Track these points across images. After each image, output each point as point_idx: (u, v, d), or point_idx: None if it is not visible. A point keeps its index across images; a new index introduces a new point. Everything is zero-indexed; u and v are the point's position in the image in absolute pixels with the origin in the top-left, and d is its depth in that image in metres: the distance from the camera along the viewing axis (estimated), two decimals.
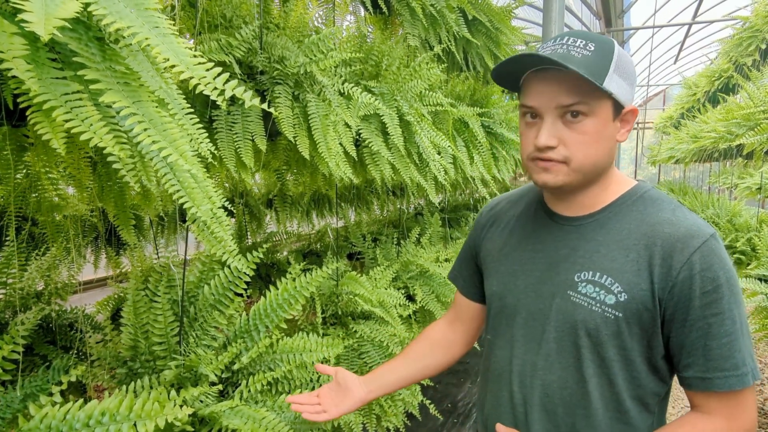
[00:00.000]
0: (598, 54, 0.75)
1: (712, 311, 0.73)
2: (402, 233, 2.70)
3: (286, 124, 1.19)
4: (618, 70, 0.76)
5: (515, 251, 0.92)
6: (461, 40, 2.30)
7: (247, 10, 1.26)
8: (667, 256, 0.76)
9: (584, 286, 0.80)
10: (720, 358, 0.74)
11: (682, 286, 0.74)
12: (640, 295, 0.76)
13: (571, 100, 0.76)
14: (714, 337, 0.74)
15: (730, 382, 0.73)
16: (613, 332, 0.78)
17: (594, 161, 0.79)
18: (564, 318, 0.82)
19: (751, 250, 3.90)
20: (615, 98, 0.77)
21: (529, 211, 0.95)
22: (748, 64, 6.23)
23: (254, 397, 1.13)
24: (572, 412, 0.82)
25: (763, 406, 3.33)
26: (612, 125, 0.79)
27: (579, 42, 0.76)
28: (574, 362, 0.81)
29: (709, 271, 0.74)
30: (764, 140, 3.08)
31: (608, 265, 0.79)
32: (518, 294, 0.89)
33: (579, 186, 0.83)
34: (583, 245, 0.83)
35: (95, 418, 0.79)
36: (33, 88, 0.53)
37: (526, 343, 0.87)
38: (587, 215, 0.85)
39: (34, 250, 1.66)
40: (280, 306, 1.25)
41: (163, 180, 0.71)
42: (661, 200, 0.83)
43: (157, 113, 0.65)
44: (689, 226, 0.77)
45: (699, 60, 13.14)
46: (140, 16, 0.61)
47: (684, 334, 0.75)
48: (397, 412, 1.67)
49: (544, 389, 0.83)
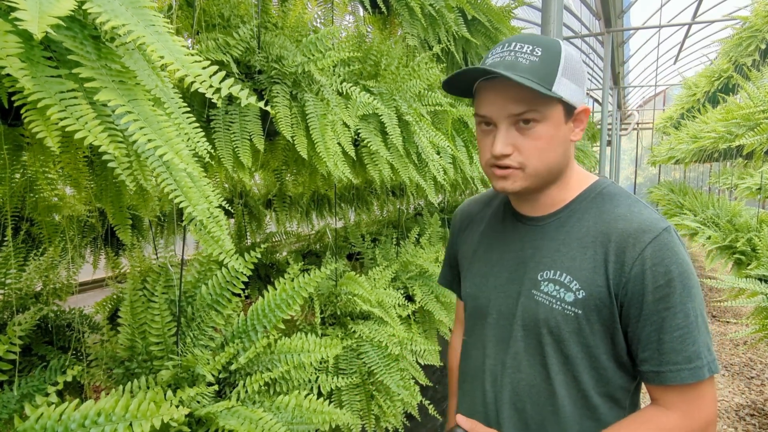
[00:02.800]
0: (545, 59, 0.76)
1: (665, 305, 0.74)
2: (401, 233, 2.70)
3: (284, 124, 1.19)
4: (566, 73, 0.77)
5: (486, 252, 0.94)
6: (460, 39, 2.30)
7: (245, 9, 1.26)
8: (620, 252, 0.77)
9: (546, 284, 0.82)
10: (672, 351, 0.74)
11: (635, 281, 0.75)
12: (597, 292, 0.77)
13: (522, 109, 0.77)
14: (666, 331, 0.74)
15: (683, 375, 0.74)
16: (573, 329, 0.79)
17: (548, 164, 0.81)
18: (528, 316, 0.83)
19: (752, 251, 3.89)
20: (565, 101, 0.77)
21: (498, 212, 0.98)
22: (747, 64, 6.23)
23: (252, 398, 1.12)
24: (541, 409, 0.83)
25: (764, 406, 3.32)
26: (564, 127, 0.81)
27: (526, 48, 0.77)
28: (540, 360, 0.83)
29: (660, 265, 0.74)
30: (764, 140, 3.08)
31: (568, 264, 0.81)
32: (489, 294, 0.90)
33: (538, 188, 0.85)
34: (546, 244, 0.85)
35: (91, 418, 0.79)
36: (27, 86, 0.53)
37: (497, 343, 0.88)
38: (549, 215, 0.87)
39: (33, 250, 1.66)
40: (278, 306, 1.25)
41: (160, 179, 0.70)
42: (618, 196, 0.84)
43: (152, 112, 0.65)
44: (642, 221, 0.78)
45: (699, 60, 13.14)
46: (135, 14, 0.61)
47: (639, 329, 0.76)
48: (396, 412, 1.66)
49: (513, 388, 0.85)
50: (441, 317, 2.03)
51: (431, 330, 2.18)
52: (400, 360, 1.68)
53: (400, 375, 1.65)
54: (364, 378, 1.61)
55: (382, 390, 1.64)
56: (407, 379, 1.71)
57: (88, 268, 2.10)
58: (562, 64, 0.77)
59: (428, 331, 2.15)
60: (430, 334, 2.16)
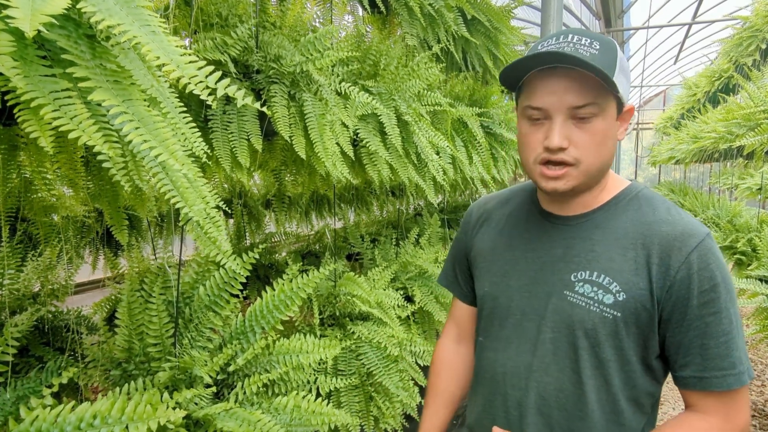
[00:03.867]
0: (604, 52, 0.74)
1: (710, 310, 0.73)
2: (401, 234, 2.69)
3: (282, 124, 1.18)
4: (621, 68, 0.76)
5: (507, 251, 0.91)
6: (460, 39, 2.29)
7: (243, 8, 1.25)
8: (665, 255, 0.75)
9: (581, 285, 0.79)
10: (717, 357, 0.73)
11: (680, 285, 0.74)
12: (639, 295, 0.76)
13: (584, 101, 0.74)
14: (711, 337, 0.73)
15: (728, 381, 0.73)
16: (610, 332, 0.77)
17: (602, 162, 0.79)
18: (561, 318, 0.81)
19: (752, 251, 3.88)
20: (620, 96, 0.76)
21: (520, 210, 0.94)
22: (748, 64, 6.22)
23: (250, 399, 1.11)
24: (569, 414, 0.80)
25: (764, 407, 3.32)
26: (616, 124, 0.79)
27: (584, 40, 0.75)
28: (571, 364, 0.80)
29: (706, 270, 0.73)
30: (765, 140, 3.07)
31: (606, 265, 0.78)
32: (511, 294, 0.87)
33: (586, 188, 0.82)
34: (578, 244, 0.82)
35: (86, 420, 0.78)
36: (19, 86, 0.52)
37: (519, 345, 0.85)
38: (581, 215, 0.85)
39: (31, 251, 1.65)
40: (276, 307, 1.24)
41: (156, 179, 0.70)
42: (655, 199, 0.83)
43: (147, 112, 0.64)
44: (686, 225, 0.76)
45: (699, 60, 13.13)
46: (130, 13, 0.60)
47: (682, 333, 0.75)
48: (395, 413, 1.66)
49: (539, 392, 0.82)
50: (440, 318, 2.03)
51: (430, 331, 2.17)
52: (399, 361, 1.68)
53: (399, 376, 1.65)
54: (363, 379, 1.61)
55: (381, 391, 1.63)
56: (406, 381, 1.70)
57: (87, 268, 2.09)
58: (619, 57, 0.75)
59: (427, 332, 2.15)
60: (429, 335, 2.15)
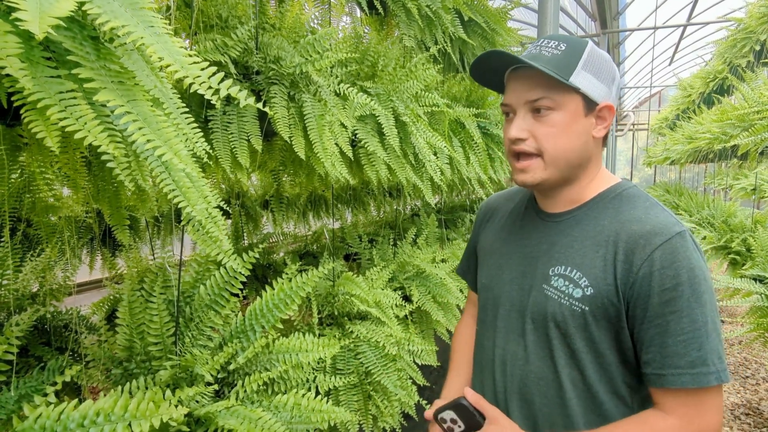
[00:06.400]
0: (567, 53, 0.80)
1: (670, 309, 0.74)
2: (398, 234, 2.70)
3: (282, 124, 1.19)
4: (587, 67, 0.80)
5: (504, 245, 0.97)
6: (457, 41, 2.31)
7: (242, 10, 1.26)
8: (630, 252, 0.77)
9: (556, 279, 0.83)
10: (675, 355, 0.74)
11: (641, 283, 0.76)
12: (606, 290, 0.78)
13: (537, 95, 0.81)
14: (670, 335, 0.74)
15: (683, 379, 0.73)
16: (579, 324, 0.80)
17: (565, 153, 0.83)
18: (538, 310, 0.85)
19: (746, 251, 3.91)
20: (584, 93, 0.80)
21: (520, 207, 1.00)
22: (742, 65, 6.26)
23: (250, 397, 1.12)
24: (549, 401, 0.84)
25: (758, 405, 3.34)
26: (584, 120, 0.82)
27: (552, 43, 0.82)
28: (548, 353, 0.84)
29: (669, 269, 0.74)
30: (759, 141, 3.09)
31: (579, 260, 0.82)
32: (503, 286, 0.93)
33: (558, 182, 0.87)
34: (561, 240, 0.87)
35: (90, 418, 0.79)
36: (27, 87, 0.53)
37: (507, 334, 0.90)
38: (566, 211, 0.89)
39: (30, 251, 1.65)
40: (276, 306, 1.25)
41: (158, 179, 0.71)
42: (637, 198, 0.85)
43: (151, 112, 0.65)
44: (655, 224, 0.78)
45: (694, 62, 13.21)
46: (135, 15, 0.61)
47: (643, 330, 0.77)
48: (394, 412, 1.67)
49: (522, 379, 0.87)
50: (438, 317, 2.04)
51: (428, 330, 2.18)
52: (397, 360, 1.69)
53: (398, 375, 1.66)
54: (361, 378, 1.62)
55: (379, 390, 1.64)
56: (404, 379, 1.71)
57: (86, 268, 2.09)
58: (585, 58, 0.80)
59: (425, 332, 2.16)
60: (427, 334, 2.16)
